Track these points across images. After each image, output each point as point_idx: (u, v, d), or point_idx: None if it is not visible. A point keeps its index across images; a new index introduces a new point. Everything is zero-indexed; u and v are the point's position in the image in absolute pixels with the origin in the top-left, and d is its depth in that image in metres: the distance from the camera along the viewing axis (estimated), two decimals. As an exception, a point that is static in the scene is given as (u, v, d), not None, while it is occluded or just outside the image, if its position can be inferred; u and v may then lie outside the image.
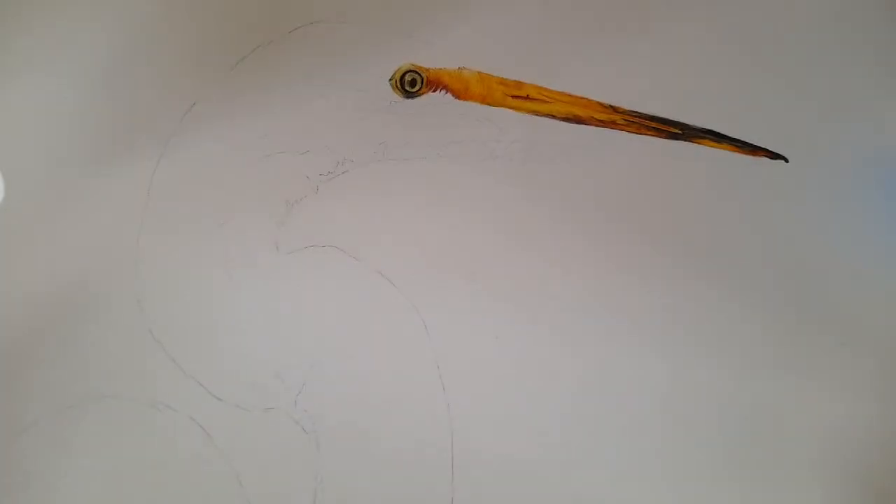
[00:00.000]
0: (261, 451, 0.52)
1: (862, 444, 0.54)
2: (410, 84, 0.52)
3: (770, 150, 0.54)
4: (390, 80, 0.52)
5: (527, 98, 0.53)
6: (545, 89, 0.53)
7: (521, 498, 0.53)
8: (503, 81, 0.53)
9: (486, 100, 0.53)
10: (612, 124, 0.53)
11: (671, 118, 0.53)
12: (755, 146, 0.54)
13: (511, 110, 0.53)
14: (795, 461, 0.54)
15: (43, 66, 0.55)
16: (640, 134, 0.53)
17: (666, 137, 0.53)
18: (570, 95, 0.53)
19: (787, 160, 0.54)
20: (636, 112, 0.53)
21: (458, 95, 0.53)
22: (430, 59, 0.53)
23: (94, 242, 0.54)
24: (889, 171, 0.56)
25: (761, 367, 0.55)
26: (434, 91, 0.53)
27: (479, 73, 0.53)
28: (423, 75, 0.52)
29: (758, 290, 0.55)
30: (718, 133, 0.53)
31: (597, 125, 0.53)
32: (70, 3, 0.56)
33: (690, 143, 0.53)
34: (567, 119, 0.53)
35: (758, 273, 0.55)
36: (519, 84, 0.53)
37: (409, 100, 0.52)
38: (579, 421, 0.54)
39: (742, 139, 0.53)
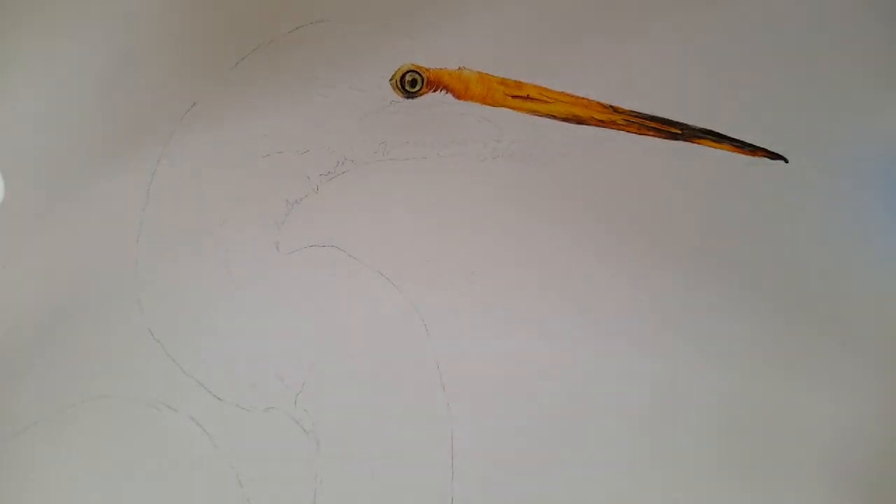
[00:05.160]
0: (261, 451, 0.52)
1: (862, 444, 0.54)
2: (411, 84, 0.52)
3: (770, 150, 0.54)
4: (391, 80, 0.52)
5: (527, 98, 0.53)
6: (545, 89, 0.53)
7: (520, 498, 0.53)
8: (503, 81, 0.53)
9: (487, 100, 0.53)
10: (612, 124, 0.53)
11: (671, 118, 0.53)
12: (755, 146, 0.54)
13: (511, 110, 0.53)
14: (794, 462, 0.54)
15: (43, 66, 0.55)
16: (640, 134, 0.53)
17: (666, 137, 0.53)
18: (570, 95, 0.53)
19: (786, 160, 0.54)
20: (636, 112, 0.53)
21: (458, 95, 0.53)
22: (430, 59, 0.53)
23: (94, 242, 0.54)
24: (889, 171, 0.56)
25: (761, 368, 0.55)
26: (434, 91, 0.53)
27: (479, 73, 0.53)
28: (424, 75, 0.52)
29: (757, 290, 0.55)
30: (718, 133, 0.53)
31: (597, 125, 0.53)
32: (70, 3, 0.56)
33: (690, 143, 0.53)
34: (567, 119, 0.53)
35: (758, 273, 0.55)
36: (519, 84, 0.53)
37: (410, 100, 0.52)
38: (579, 421, 0.54)
39: (742, 139, 0.53)
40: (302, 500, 0.51)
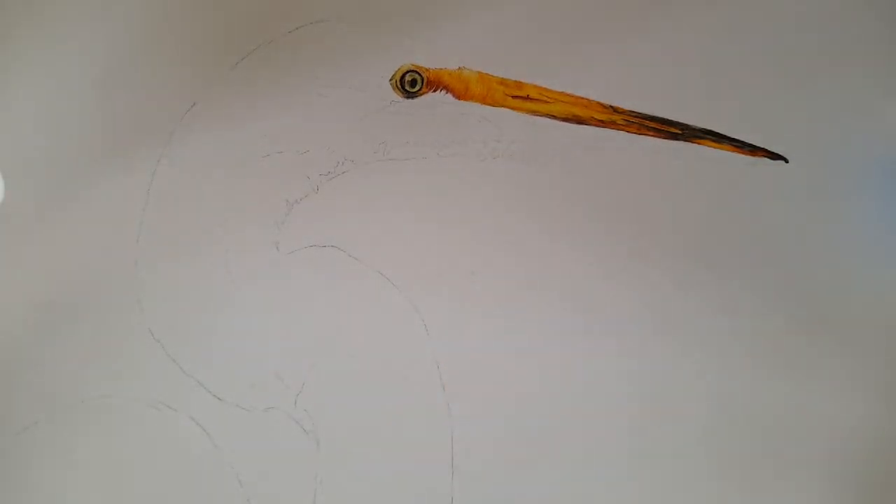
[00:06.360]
0: (261, 451, 0.52)
1: (862, 443, 0.54)
2: (411, 84, 0.52)
3: (770, 150, 0.54)
4: (390, 80, 0.52)
5: (527, 98, 0.53)
6: (545, 89, 0.53)
7: (520, 498, 0.53)
8: (503, 81, 0.53)
9: (487, 100, 0.53)
10: (612, 124, 0.53)
11: (671, 118, 0.53)
12: (755, 146, 0.54)
13: (511, 110, 0.53)
14: (794, 461, 0.54)
15: (43, 66, 0.55)
16: (640, 134, 0.53)
17: (666, 137, 0.53)
18: (570, 95, 0.53)
19: (786, 160, 0.54)
20: (636, 112, 0.53)
21: (458, 95, 0.53)
22: (430, 59, 0.53)
23: (94, 242, 0.54)
24: (889, 171, 0.56)
25: (761, 368, 0.55)
26: (434, 91, 0.53)
27: (479, 73, 0.53)
28: (424, 75, 0.52)
29: (758, 290, 0.55)
30: (718, 133, 0.53)
31: (597, 125, 0.53)
32: (70, 3, 0.56)
33: (690, 143, 0.53)
34: (567, 119, 0.53)
35: (758, 273, 0.55)
36: (519, 84, 0.53)
37: (410, 100, 0.52)
38: (579, 421, 0.54)
39: (742, 139, 0.53)
40: (302, 500, 0.51)
